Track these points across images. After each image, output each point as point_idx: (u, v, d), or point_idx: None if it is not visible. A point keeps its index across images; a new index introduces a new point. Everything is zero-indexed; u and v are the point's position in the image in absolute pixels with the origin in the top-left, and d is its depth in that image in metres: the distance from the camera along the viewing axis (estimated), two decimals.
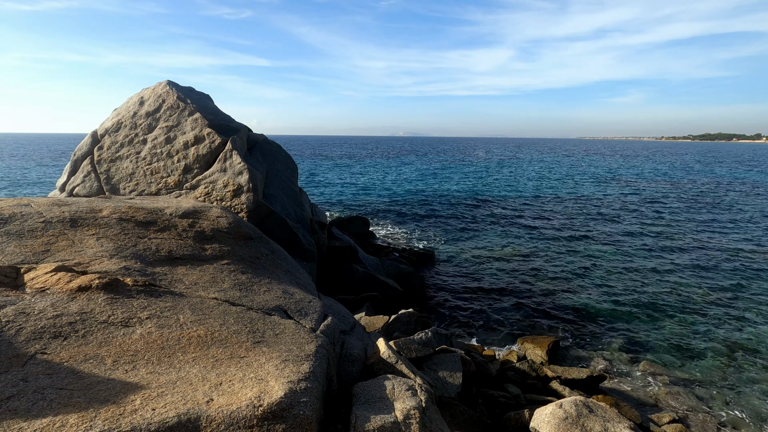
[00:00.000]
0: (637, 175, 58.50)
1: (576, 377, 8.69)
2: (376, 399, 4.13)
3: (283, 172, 13.40)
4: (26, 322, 3.63)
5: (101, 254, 5.24)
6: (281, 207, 11.59)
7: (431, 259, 17.90)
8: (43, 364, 3.19)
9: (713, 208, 31.12)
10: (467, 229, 24.26)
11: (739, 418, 8.38)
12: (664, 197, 36.77)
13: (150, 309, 4.29)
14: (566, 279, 16.00)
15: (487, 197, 36.57)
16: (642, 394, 9.07)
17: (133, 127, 11.86)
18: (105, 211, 6.42)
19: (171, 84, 12.78)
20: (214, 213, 7.48)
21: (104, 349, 3.54)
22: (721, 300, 13.97)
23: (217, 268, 5.87)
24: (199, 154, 11.17)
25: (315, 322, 5.17)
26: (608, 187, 43.64)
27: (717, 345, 11.11)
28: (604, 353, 10.72)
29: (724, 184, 47.65)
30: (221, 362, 3.63)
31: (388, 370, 5.19)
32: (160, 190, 10.91)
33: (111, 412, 2.76)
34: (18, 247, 4.99)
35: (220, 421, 2.85)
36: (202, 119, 11.66)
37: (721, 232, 23.72)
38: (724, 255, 19.02)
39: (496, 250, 19.78)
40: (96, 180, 11.30)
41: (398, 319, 9.54)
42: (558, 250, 19.78)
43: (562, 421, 5.23)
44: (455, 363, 6.48)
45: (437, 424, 4.17)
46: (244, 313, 4.76)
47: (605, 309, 13.31)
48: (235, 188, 10.53)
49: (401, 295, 13.16)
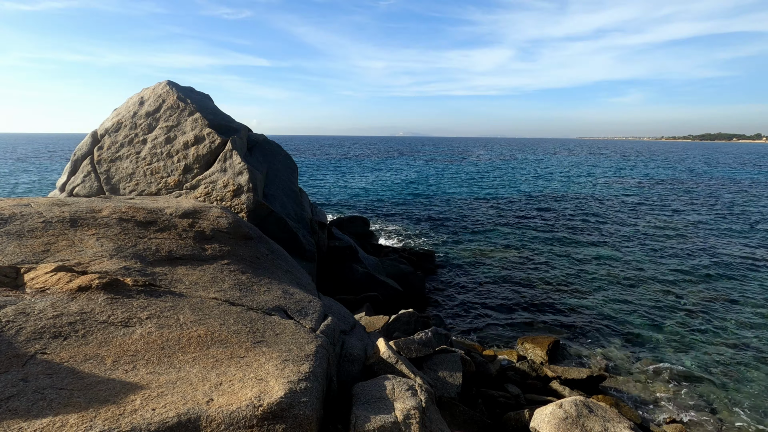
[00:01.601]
0: (638, 175, 58.52)
1: (576, 377, 8.69)
2: (376, 399, 4.12)
3: (283, 172, 13.40)
4: (26, 322, 3.63)
5: (101, 254, 5.24)
6: (281, 207, 11.59)
7: (431, 259, 17.89)
8: (43, 364, 3.19)
9: (714, 209, 31.12)
10: (467, 229, 24.26)
11: (739, 418, 8.38)
12: (664, 197, 36.77)
13: (150, 309, 4.29)
14: (566, 279, 16.00)
15: (487, 197, 36.57)
16: (642, 394, 9.07)
17: (133, 127, 11.86)
18: (105, 211, 6.42)
19: (171, 84, 12.78)
20: (214, 213, 7.48)
21: (104, 349, 3.54)
22: (722, 300, 13.97)
23: (217, 268, 5.87)
24: (199, 154, 11.17)
25: (315, 322, 5.17)
26: (608, 188, 43.65)
27: (717, 345, 11.11)
28: (604, 353, 10.72)
29: (724, 184, 47.65)
30: (221, 362, 3.63)
31: (388, 370, 5.19)
32: (160, 190, 10.91)
33: (111, 412, 2.76)
34: (18, 247, 4.99)
35: (220, 421, 2.85)
36: (202, 119, 11.66)
37: (722, 232, 23.72)
38: (725, 255, 19.02)
39: (496, 250, 19.78)
40: (96, 180, 11.29)
41: (398, 319, 9.54)
42: (558, 250, 19.78)
43: (562, 421, 5.23)
44: (455, 363, 6.48)
45: (437, 424, 4.17)
46: (244, 313, 4.76)
47: (605, 309, 13.30)
48: (235, 188, 10.53)
49: (401, 295, 13.16)
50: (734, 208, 31.44)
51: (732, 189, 42.83)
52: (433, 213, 29.02)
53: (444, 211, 29.59)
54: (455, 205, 32.41)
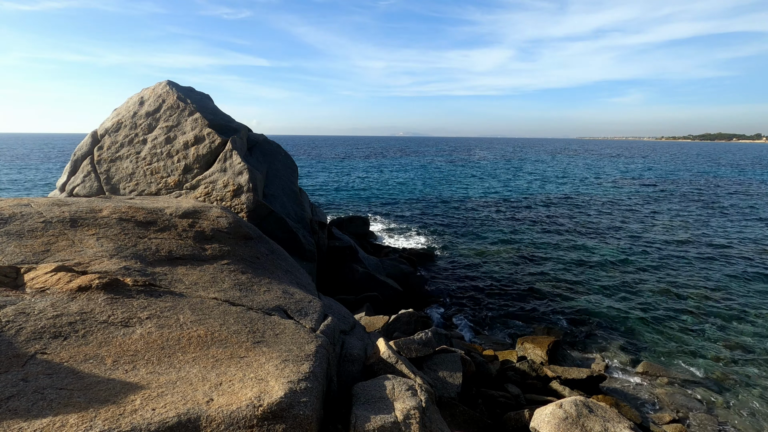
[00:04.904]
0: (638, 175, 58.50)
1: (576, 377, 8.69)
2: (376, 399, 4.12)
3: (283, 172, 13.40)
4: (26, 322, 3.63)
5: (101, 254, 5.24)
6: (281, 207, 11.58)
7: (431, 259, 17.89)
8: (43, 364, 3.19)
9: (714, 209, 31.12)
10: (467, 228, 24.26)
11: (739, 417, 8.38)
12: (664, 198, 36.77)
13: (150, 309, 4.29)
14: (566, 279, 16.00)
15: (487, 197, 36.57)
16: (642, 394, 9.07)
17: (133, 127, 11.86)
18: (105, 211, 6.41)
19: (171, 84, 12.77)
20: (214, 213, 7.47)
21: (104, 349, 3.54)
22: (722, 300, 13.97)
23: (217, 268, 5.87)
24: (199, 154, 11.17)
25: (315, 322, 5.17)
26: (608, 188, 43.65)
27: (717, 345, 11.11)
28: (604, 353, 10.72)
29: (725, 184, 47.64)
30: (221, 362, 3.63)
31: (388, 370, 5.18)
32: (160, 190, 10.91)
33: (111, 412, 2.76)
34: (18, 247, 4.99)
35: (220, 421, 2.85)
36: (202, 119, 11.66)
37: (722, 232, 23.72)
38: (725, 255, 19.02)
39: (496, 250, 19.78)
40: (96, 180, 11.29)
41: (398, 319, 9.54)
42: (558, 251, 19.78)
43: (562, 421, 5.22)
44: (455, 363, 6.48)
45: (437, 424, 4.17)
46: (244, 313, 4.75)
47: (605, 309, 13.30)
48: (235, 188, 10.52)
49: (401, 295, 13.16)
50: (736, 208, 31.43)
51: (733, 189, 42.81)
52: (433, 213, 29.03)
53: (444, 211, 29.59)
54: (455, 205, 32.42)
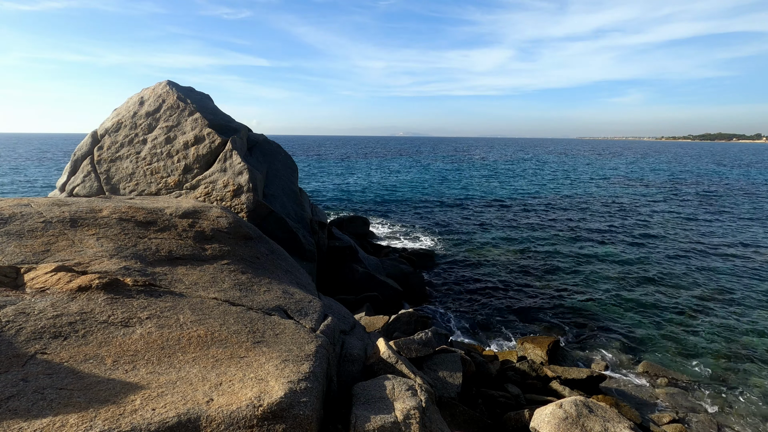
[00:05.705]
0: (638, 176, 58.50)
1: (576, 377, 8.69)
2: (376, 399, 4.12)
3: (283, 172, 13.40)
4: (26, 322, 3.63)
5: (101, 254, 5.24)
6: (281, 207, 11.59)
7: (431, 259, 17.89)
8: (43, 364, 3.19)
9: (714, 209, 31.11)
10: (467, 228, 24.25)
11: (739, 418, 8.38)
12: (665, 198, 36.76)
13: (150, 309, 4.29)
14: (566, 279, 16.00)
15: (487, 198, 36.57)
16: (642, 394, 9.07)
17: (133, 127, 11.86)
18: (105, 211, 6.41)
19: (171, 84, 12.78)
20: (214, 213, 7.47)
21: (104, 349, 3.54)
22: (721, 300, 13.97)
23: (217, 268, 5.87)
24: (199, 154, 11.17)
25: (315, 322, 5.17)
26: (608, 188, 43.65)
27: (717, 345, 11.11)
28: (604, 353, 10.72)
29: (725, 184, 47.64)
30: (221, 362, 3.63)
31: (388, 370, 5.18)
32: (160, 190, 10.91)
33: (111, 412, 2.76)
34: (18, 247, 4.99)
35: (220, 421, 2.85)
36: (202, 119, 11.66)
37: (723, 233, 23.72)
38: (725, 255, 19.02)
39: (496, 251, 19.78)
40: (96, 180, 11.29)
41: (398, 319, 9.54)
42: (558, 251, 19.78)
43: (562, 421, 5.22)
44: (455, 363, 6.48)
45: (437, 424, 4.17)
46: (244, 313, 4.75)
47: (605, 309, 13.31)
48: (235, 188, 10.52)
49: (401, 295, 13.16)
50: (736, 208, 31.43)
51: (733, 189, 42.80)
52: (433, 213, 29.03)
53: (444, 211, 29.60)
54: (455, 205, 32.42)
